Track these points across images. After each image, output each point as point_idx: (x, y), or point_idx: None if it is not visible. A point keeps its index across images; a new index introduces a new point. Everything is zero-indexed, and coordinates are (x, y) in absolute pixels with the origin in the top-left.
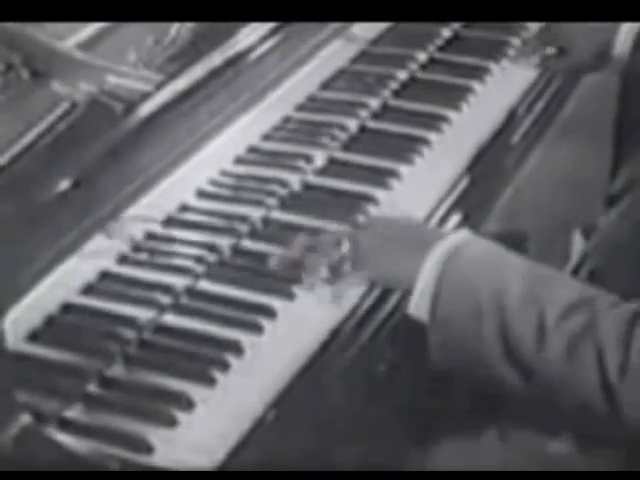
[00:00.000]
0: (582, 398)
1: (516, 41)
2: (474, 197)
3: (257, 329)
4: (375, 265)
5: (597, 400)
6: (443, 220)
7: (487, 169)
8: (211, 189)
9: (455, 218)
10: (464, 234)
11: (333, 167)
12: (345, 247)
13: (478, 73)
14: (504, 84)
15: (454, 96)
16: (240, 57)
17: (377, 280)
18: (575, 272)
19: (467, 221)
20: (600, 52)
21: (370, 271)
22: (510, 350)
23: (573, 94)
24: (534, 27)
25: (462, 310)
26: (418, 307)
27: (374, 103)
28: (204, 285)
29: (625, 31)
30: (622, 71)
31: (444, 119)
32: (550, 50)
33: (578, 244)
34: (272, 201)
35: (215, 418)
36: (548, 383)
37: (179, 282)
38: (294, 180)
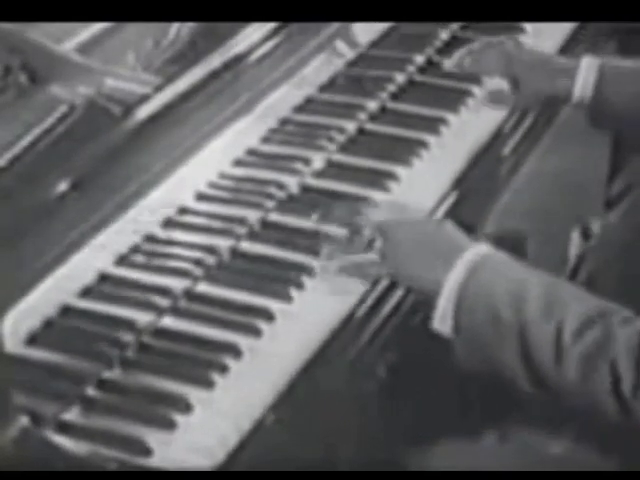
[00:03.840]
0: (598, 409)
1: None
2: (472, 199)
3: (255, 332)
4: (402, 268)
5: (613, 411)
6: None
7: (485, 171)
8: (210, 191)
9: (453, 220)
10: (483, 249)
11: (331, 169)
12: (378, 243)
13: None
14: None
15: (452, 98)
16: (239, 59)
17: (400, 281)
18: (574, 273)
19: (465, 223)
20: (552, 95)
21: (396, 271)
22: (530, 364)
23: None
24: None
25: (482, 324)
26: (441, 322)
27: (372, 105)
28: (202, 288)
29: (583, 75)
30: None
31: (442, 121)
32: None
33: (577, 246)
34: (270, 203)
35: (213, 421)
36: (565, 395)
37: (178, 285)
38: (292, 182)
